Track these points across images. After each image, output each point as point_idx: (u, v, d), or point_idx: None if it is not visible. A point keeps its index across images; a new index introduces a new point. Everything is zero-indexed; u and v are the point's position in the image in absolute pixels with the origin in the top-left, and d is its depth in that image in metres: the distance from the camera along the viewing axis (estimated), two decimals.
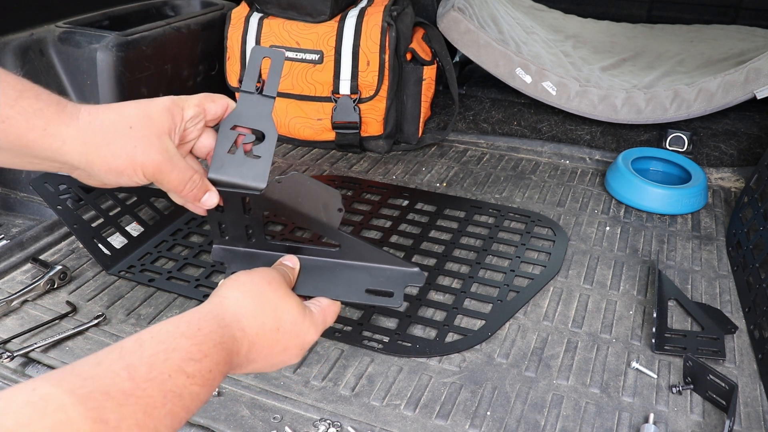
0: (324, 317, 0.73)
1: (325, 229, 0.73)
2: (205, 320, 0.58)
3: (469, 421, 0.93)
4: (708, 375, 0.95)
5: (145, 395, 0.48)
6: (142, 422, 0.47)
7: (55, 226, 1.35)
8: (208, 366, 0.54)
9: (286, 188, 0.71)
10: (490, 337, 1.10)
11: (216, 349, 0.56)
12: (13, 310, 1.13)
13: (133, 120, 0.64)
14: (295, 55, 1.70)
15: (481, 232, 1.41)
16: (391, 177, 1.67)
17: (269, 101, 0.72)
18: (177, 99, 0.69)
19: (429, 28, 1.81)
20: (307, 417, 0.93)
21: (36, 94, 0.62)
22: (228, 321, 0.60)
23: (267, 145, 0.71)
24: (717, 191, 1.61)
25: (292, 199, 0.71)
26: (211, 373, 0.55)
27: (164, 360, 0.51)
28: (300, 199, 0.71)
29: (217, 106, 0.73)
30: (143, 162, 0.64)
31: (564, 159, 1.77)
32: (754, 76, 1.65)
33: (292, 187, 0.71)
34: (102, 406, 0.45)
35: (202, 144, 0.73)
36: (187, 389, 0.52)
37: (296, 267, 0.77)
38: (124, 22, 1.69)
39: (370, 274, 0.75)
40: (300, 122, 1.76)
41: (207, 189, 0.70)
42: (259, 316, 0.63)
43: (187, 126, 0.70)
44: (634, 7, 2.58)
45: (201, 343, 0.55)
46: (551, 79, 1.80)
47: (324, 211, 0.72)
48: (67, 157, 0.63)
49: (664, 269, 1.28)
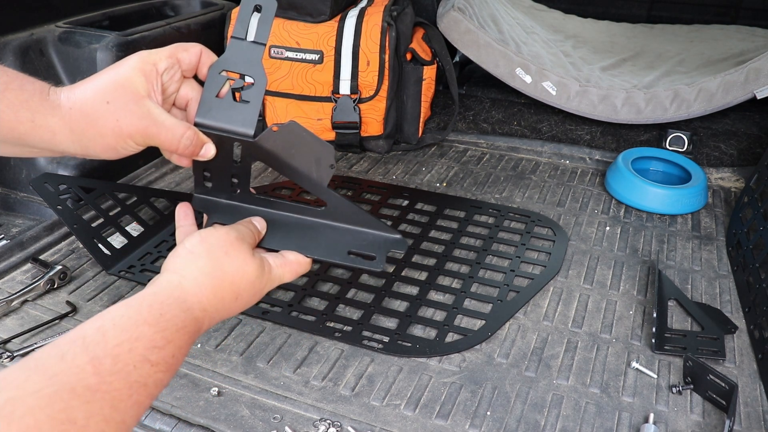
0: (282, 273, 0.72)
1: (314, 185, 0.71)
2: (166, 304, 0.57)
3: (469, 421, 0.93)
4: (708, 375, 0.95)
5: (111, 389, 0.48)
6: (110, 416, 0.47)
7: (55, 226, 1.35)
8: (171, 351, 0.55)
9: (281, 137, 0.69)
10: (490, 337, 1.10)
11: (179, 333, 0.56)
12: (13, 310, 1.13)
13: (108, 93, 0.63)
14: (295, 55, 1.70)
15: (481, 232, 1.41)
16: (391, 177, 1.67)
17: (259, 48, 0.70)
18: (147, 54, 0.67)
19: (429, 28, 1.81)
20: (307, 417, 0.93)
21: (20, 85, 0.61)
22: (189, 303, 0.60)
23: (256, 90, 0.69)
24: (717, 191, 1.61)
25: (286, 150, 0.69)
26: (174, 358, 0.55)
27: (129, 350, 0.51)
28: (293, 151, 0.69)
29: (191, 54, 0.70)
30: (129, 132, 0.63)
31: (564, 159, 1.77)
32: (754, 76, 1.65)
33: (287, 136, 0.69)
34: (69, 406, 0.45)
35: (182, 95, 0.71)
36: (151, 377, 0.52)
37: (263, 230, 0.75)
38: (124, 22, 1.69)
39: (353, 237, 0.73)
40: (300, 122, 1.76)
41: (203, 142, 0.68)
42: (218, 293, 0.63)
43: (164, 80, 0.68)
44: (634, 7, 2.58)
45: (164, 329, 0.55)
46: (551, 79, 1.80)
47: (315, 165, 0.70)
48: (62, 146, 0.63)
49: (664, 269, 1.28)
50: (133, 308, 0.55)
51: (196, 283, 0.62)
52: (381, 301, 1.18)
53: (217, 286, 0.63)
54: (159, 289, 0.59)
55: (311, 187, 0.72)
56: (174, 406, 0.95)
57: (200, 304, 0.61)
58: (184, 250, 0.64)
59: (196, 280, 0.62)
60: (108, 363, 0.49)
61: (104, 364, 0.49)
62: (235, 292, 0.65)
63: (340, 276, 1.25)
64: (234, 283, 0.65)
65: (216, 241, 0.65)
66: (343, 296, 1.19)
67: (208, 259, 0.64)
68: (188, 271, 0.62)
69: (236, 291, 0.65)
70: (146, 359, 0.52)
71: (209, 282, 0.62)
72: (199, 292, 0.61)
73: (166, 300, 0.58)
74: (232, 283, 0.65)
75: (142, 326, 0.54)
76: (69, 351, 0.49)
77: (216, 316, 0.63)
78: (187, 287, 0.61)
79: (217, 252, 0.64)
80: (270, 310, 1.15)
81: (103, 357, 0.49)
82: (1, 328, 1.08)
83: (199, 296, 0.61)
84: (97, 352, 0.49)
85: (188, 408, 0.94)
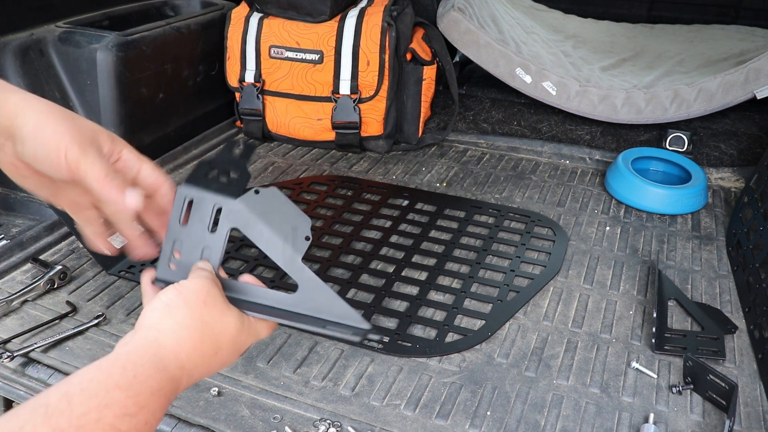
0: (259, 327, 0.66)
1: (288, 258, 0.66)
2: (140, 364, 0.53)
3: (469, 421, 0.93)
4: (708, 375, 0.95)
5: None
6: None
7: (55, 226, 1.35)
8: (144, 418, 0.50)
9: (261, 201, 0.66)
10: (490, 337, 1.10)
11: (153, 397, 0.52)
12: (13, 310, 1.13)
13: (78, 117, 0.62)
14: (295, 55, 1.70)
15: (481, 232, 1.41)
16: (391, 177, 1.67)
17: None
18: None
19: (429, 28, 1.81)
20: (307, 417, 0.93)
21: None
22: (166, 362, 0.55)
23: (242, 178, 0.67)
24: (717, 191, 1.61)
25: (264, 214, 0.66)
26: (147, 425, 0.51)
27: (96, 420, 0.46)
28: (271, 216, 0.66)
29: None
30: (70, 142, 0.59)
31: (564, 159, 1.77)
32: (754, 76, 1.65)
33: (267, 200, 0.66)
34: None
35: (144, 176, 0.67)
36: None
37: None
38: (124, 22, 1.69)
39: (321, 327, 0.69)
40: (300, 122, 1.76)
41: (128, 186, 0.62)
42: (198, 347, 0.58)
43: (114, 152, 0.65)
44: (634, 7, 2.58)
45: (137, 394, 0.50)
46: (551, 79, 1.80)
47: (292, 234, 0.66)
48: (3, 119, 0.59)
49: (664, 269, 1.28)
50: (103, 371, 0.50)
51: (175, 337, 0.57)
52: (381, 301, 1.18)
53: (197, 339, 0.58)
54: (133, 348, 0.54)
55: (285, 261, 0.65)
56: (174, 406, 0.95)
57: (178, 360, 0.56)
58: (161, 303, 0.59)
59: (175, 334, 0.57)
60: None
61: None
62: (215, 345, 0.60)
63: (340, 276, 1.25)
64: (215, 336, 0.60)
65: (193, 291, 0.60)
66: (343, 296, 1.19)
67: (188, 310, 0.59)
68: (166, 325, 0.57)
69: (217, 344, 0.60)
70: (115, 428, 0.47)
71: (188, 334, 0.57)
72: (177, 346, 0.56)
73: (139, 360, 0.53)
74: (213, 335, 0.60)
75: (113, 391, 0.49)
76: (28, 423, 0.45)
77: (195, 373, 0.58)
78: (164, 342, 0.56)
79: (196, 302, 0.59)
80: None
81: (67, 429, 0.45)
82: (1, 328, 1.08)
83: (177, 351, 0.56)
84: (60, 423, 0.45)
85: (188, 408, 0.94)
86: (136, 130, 1.58)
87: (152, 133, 1.64)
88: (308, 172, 1.69)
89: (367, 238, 1.38)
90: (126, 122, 1.54)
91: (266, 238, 0.65)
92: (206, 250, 0.66)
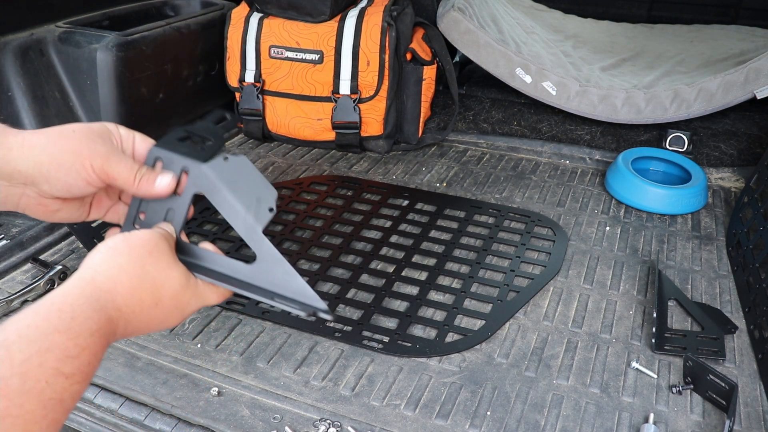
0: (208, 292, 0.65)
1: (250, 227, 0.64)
2: (78, 305, 0.52)
3: (469, 421, 0.93)
4: (708, 375, 0.95)
5: (23, 412, 0.44)
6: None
7: (55, 226, 1.35)
8: (86, 359, 0.50)
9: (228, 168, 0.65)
10: (490, 337, 1.10)
11: (93, 338, 0.51)
12: (13, 310, 1.13)
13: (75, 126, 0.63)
14: (295, 55, 1.70)
15: (481, 232, 1.41)
16: (391, 177, 1.67)
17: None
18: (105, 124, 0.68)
19: (429, 28, 1.81)
20: (307, 417, 0.93)
21: None
22: (103, 302, 0.54)
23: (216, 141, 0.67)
24: (717, 191, 1.61)
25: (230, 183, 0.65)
26: (90, 366, 0.50)
27: (39, 365, 0.46)
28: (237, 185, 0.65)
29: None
30: (90, 154, 0.61)
31: (564, 159, 1.77)
32: (754, 76, 1.65)
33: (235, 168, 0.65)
34: None
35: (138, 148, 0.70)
36: (67, 391, 0.47)
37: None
38: (124, 22, 1.69)
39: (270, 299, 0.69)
40: (300, 122, 1.76)
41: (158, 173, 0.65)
42: (136, 293, 0.57)
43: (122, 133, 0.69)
44: (634, 7, 2.58)
45: (77, 335, 0.50)
46: (551, 79, 1.80)
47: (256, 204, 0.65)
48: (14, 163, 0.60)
49: (664, 269, 1.28)
50: (40, 315, 0.49)
51: (111, 279, 0.56)
52: (381, 301, 1.18)
53: (135, 285, 0.57)
54: (69, 289, 0.54)
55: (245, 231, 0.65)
56: (174, 406, 0.95)
57: (114, 302, 0.55)
58: (104, 247, 0.59)
59: (112, 276, 0.56)
60: (15, 382, 0.44)
61: (11, 385, 0.44)
62: (155, 296, 0.59)
63: (340, 276, 1.25)
64: (156, 286, 0.59)
65: (140, 240, 0.60)
66: (343, 296, 1.19)
67: (130, 256, 0.58)
68: (104, 267, 0.56)
69: (157, 295, 0.59)
70: (59, 372, 0.47)
71: (127, 279, 0.57)
72: (114, 288, 0.55)
73: (76, 301, 0.52)
74: (154, 284, 0.59)
75: (52, 335, 0.48)
76: None
77: (132, 321, 0.57)
78: (100, 282, 0.55)
79: (141, 251, 0.59)
80: (270, 309, 1.15)
81: (10, 377, 0.44)
82: None
83: (113, 293, 0.55)
84: (2, 371, 0.44)
85: (188, 408, 0.94)
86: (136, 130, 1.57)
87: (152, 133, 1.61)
88: (308, 172, 1.69)
89: (367, 238, 1.38)
90: (126, 122, 1.53)
91: (229, 205, 0.64)
92: (170, 212, 0.66)
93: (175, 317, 0.62)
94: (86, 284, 0.54)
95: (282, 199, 1.53)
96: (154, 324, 0.60)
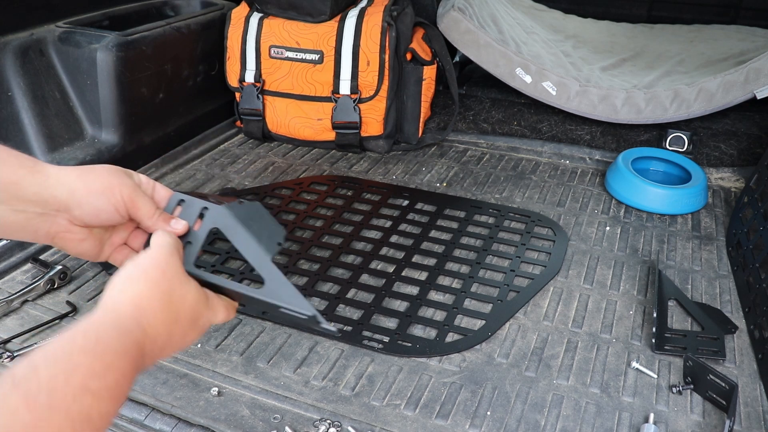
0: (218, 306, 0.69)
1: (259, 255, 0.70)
2: (102, 329, 0.53)
3: (469, 421, 0.93)
4: (708, 375, 0.95)
5: (50, 427, 0.44)
6: None
7: None
8: (114, 379, 0.50)
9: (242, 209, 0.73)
10: (490, 337, 1.10)
11: (118, 358, 0.52)
12: (13, 310, 1.13)
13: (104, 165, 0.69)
14: (295, 55, 1.70)
15: (481, 232, 1.41)
16: (391, 177, 1.67)
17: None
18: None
19: (429, 28, 1.81)
20: (307, 417, 0.93)
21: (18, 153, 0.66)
22: (128, 327, 0.56)
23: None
24: (717, 191, 1.61)
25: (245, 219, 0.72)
26: (119, 387, 0.51)
27: (65, 382, 0.46)
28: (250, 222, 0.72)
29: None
30: (120, 184, 0.67)
31: (564, 159, 1.77)
32: (754, 76, 1.65)
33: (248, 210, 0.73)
34: None
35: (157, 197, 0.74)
36: (95, 409, 0.48)
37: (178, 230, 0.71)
38: (124, 22, 1.69)
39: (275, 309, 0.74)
40: (300, 122, 1.76)
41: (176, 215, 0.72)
42: (158, 315, 0.59)
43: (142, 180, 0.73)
44: (634, 7, 2.58)
45: (102, 354, 0.50)
46: (551, 79, 1.80)
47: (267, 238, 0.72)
48: (51, 189, 0.65)
49: (664, 269, 1.28)
50: (65, 339, 0.50)
51: (134, 306, 0.58)
52: (381, 301, 1.18)
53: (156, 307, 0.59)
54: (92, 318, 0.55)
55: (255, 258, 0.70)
56: (174, 406, 0.95)
57: (140, 326, 0.56)
58: (119, 279, 0.61)
59: (134, 303, 0.58)
60: (43, 399, 0.44)
61: (39, 401, 0.44)
62: (175, 313, 0.61)
63: (340, 276, 1.25)
64: (174, 303, 0.61)
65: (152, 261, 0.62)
66: (343, 296, 1.19)
67: (146, 281, 0.60)
68: (124, 296, 0.59)
69: (175, 311, 0.61)
70: (86, 389, 0.47)
71: (148, 303, 0.59)
72: (137, 313, 0.57)
73: (101, 326, 0.54)
74: (172, 302, 0.61)
75: (77, 355, 0.49)
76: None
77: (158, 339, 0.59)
78: (122, 311, 0.57)
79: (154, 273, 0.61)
80: None
81: (37, 393, 0.45)
82: (1, 328, 1.08)
83: (137, 317, 0.57)
84: (30, 388, 0.45)
85: (188, 408, 0.94)
86: (136, 130, 1.58)
87: (152, 133, 1.64)
88: (308, 172, 1.69)
89: (367, 238, 1.38)
90: (126, 122, 1.54)
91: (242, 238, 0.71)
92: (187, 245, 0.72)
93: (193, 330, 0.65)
94: (109, 313, 0.57)
95: (282, 199, 1.53)
96: (176, 340, 0.62)
